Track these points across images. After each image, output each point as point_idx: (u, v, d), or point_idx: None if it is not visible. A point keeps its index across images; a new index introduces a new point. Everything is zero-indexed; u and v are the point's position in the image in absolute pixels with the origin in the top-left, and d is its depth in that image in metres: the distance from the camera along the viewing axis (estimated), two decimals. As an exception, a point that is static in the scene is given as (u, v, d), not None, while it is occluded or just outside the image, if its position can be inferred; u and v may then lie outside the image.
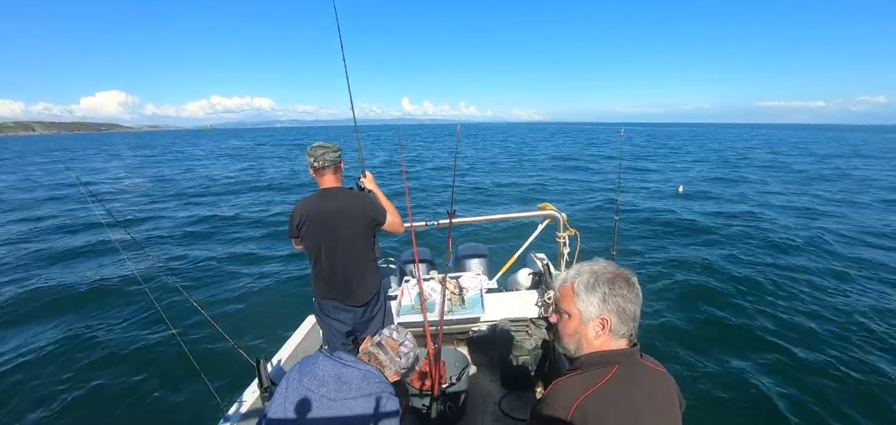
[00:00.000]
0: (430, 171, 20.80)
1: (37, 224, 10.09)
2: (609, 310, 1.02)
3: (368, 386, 1.34)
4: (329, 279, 2.23)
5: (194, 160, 29.70)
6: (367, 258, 2.29)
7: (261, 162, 27.21)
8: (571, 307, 1.07)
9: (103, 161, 31.43)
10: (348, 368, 1.36)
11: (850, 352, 4.02)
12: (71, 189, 14.83)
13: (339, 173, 2.24)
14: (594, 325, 1.04)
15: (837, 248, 7.21)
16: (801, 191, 13.51)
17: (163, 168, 24.13)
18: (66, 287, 6.08)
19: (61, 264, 7.18)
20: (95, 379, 3.99)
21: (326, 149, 2.18)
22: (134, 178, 18.88)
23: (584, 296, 1.04)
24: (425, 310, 2.15)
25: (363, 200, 2.23)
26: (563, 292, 1.09)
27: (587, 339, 1.05)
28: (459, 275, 3.20)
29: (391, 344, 1.54)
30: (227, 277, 6.47)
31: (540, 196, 13.63)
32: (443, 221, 2.86)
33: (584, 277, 1.05)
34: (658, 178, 16.85)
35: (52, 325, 4.97)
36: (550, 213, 3.20)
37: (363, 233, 2.23)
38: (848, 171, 19.16)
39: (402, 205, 2.49)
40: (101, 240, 8.20)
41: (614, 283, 1.02)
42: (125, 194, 14.69)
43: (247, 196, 14.12)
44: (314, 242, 2.20)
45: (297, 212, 2.20)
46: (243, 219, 10.18)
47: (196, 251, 7.84)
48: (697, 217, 9.75)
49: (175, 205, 12.43)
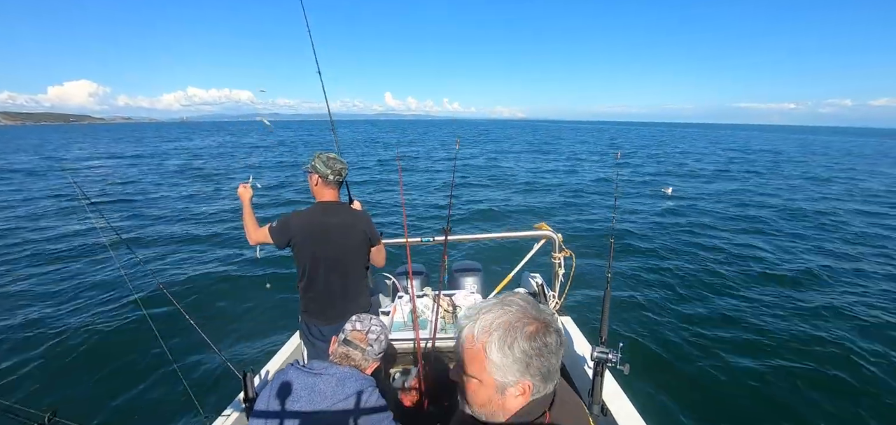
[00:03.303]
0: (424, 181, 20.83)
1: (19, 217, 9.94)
2: (531, 374, 0.79)
3: (345, 388, 1.30)
4: (322, 296, 2.18)
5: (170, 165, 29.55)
6: (363, 275, 2.27)
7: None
8: (482, 373, 0.81)
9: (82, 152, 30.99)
10: (320, 377, 1.31)
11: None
12: (56, 182, 14.67)
13: (338, 187, 2.21)
14: (512, 392, 0.81)
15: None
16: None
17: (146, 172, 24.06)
18: (46, 283, 5.96)
19: (45, 263, 7.06)
20: (73, 385, 3.88)
21: (343, 165, 2.14)
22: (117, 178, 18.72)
23: (497, 359, 0.79)
24: (418, 328, 2.13)
25: (362, 217, 2.22)
26: (471, 353, 0.82)
27: (504, 409, 0.83)
28: (453, 293, 3.17)
29: (358, 337, 1.48)
30: (216, 287, 6.37)
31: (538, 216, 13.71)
32: (438, 238, 2.86)
33: (497, 335, 0.79)
34: (649, 179, 17.27)
35: (29, 327, 4.86)
36: (546, 234, 3.20)
37: (362, 250, 2.21)
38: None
39: (398, 221, 2.49)
40: (89, 241, 8.08)
41: (536, 338, 0.79)
42: (109, 194, 14.55)
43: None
44: (311, 255, 2.14)
45: (294, 224, 2.13)
46: (235, 228, 10.11)
47: (185, 257, 7.75)
48: (687, 219, 9.97)
49: (164, 209, 12.32)
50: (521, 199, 13.39)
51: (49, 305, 5.54)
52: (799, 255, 7.39)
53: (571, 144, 40.67)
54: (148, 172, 20.23)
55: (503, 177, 18.12)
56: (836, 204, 12.34)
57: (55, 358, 4.33)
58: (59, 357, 4.35)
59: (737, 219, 10.26)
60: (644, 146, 40.12)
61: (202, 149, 34.09)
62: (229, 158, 27.06)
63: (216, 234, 9.26)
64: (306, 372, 1.33)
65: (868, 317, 5.00)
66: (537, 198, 13.71)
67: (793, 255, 7.41)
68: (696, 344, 4.53)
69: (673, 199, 12.94)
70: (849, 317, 5.02)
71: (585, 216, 10.99)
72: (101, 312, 5.34)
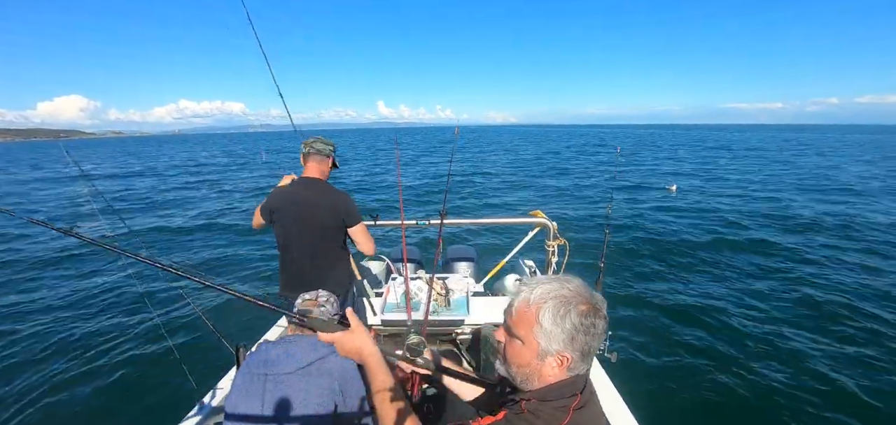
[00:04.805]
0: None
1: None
2: (574, 348, 0.84)
3: (316, 349, 1.43)
4: (296, 270, 2.21)
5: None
6: (336, 253, 2.26)
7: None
8: (528, 334, 0.86)
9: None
10: (293, 344, 1.46)
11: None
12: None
13: (324, 166, 2.23)
14: (550, 362, 0.86)
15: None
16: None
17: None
18: (38, 263, 5.95)
19: (39, 242, 7.03)
20: (68, 361, 3.90)
21: (318, 140, 2.20)
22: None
23: (548, 326, 0.83)
24: (410, 309, 2.14)
25: (338, 196, 2.20)
26: (522, 314, 0.88)
27: (540, 375, 0.87)
28: (447, 277, 3.20)
29: (309, 304, 1.55)
30: (211, 267, 6.38)
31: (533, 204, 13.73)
32: (434, 221, 2.86)
33: (552, 304, 0.84)
34: (650, 177, 17.27)
35: (24, 301, 4.86)
36: (541, 221, 3.22)
37: (333, 227, 2.20)
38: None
39: (394, 199, 2.49)
40: (87, 224, 8.04)
41: (587, 317, 0.83)
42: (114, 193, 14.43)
43: (240, 193, 13.96)
44: (284, 227, 2.17)
45: (273, 197, 2.19)
46: (231, 211, 10.08)
47: (184, 240, 7.73)
48: (694, 216, 10.03)
49: (159, 204, 12.24)
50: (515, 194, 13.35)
51: (41, 288, 5.54)
52: (801, 256, 7.46)
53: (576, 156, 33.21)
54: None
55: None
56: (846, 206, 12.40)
57: (48, 338, 4.35)
58: (51, 335, 4.36)
59: (741, 217, 10.29)
60: (643, 145, 40.05)
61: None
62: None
63: (212, 221, 9.23)
64: (283, 342, 1.49)
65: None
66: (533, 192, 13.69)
67: (793, 253, 7.48)
68: (680, 337, 4.59)
69: (677, 196, 12.94)
70: (847, 309, 5.06)
71: (582, 208, 11.02)
72: (94, 286, 5.34)
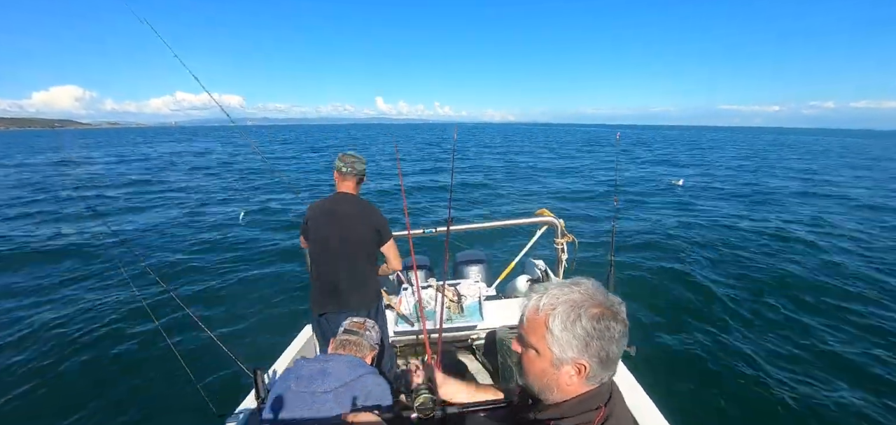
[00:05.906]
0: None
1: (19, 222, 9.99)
2: (590, 355, 0.79)
3: (356, 370, 1.40)
4: (329, 283, 2.25)
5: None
6: (369, 266, 2.33)
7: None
8: (541, 343, 0.82)
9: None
10: (330, 362, 1.42)
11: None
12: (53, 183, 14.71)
13: (359, 185, 2.34)
14: (567, 371, 0.81)
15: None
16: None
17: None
18: (51, 290, 6.01)
19: (48, 264, 7.10)
20: (85, 390, 3.91)
21: (357, 160, 2.29)
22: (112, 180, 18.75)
23: (559, 333, 0.80)
24: (424, 319, 2.14)
25: (373, 212, 2.30)
26: (532, 322, 0.84)
27: (558, 385, 0.84)
28: (458, 283, 3.19)
29: (357, 325, 1.59)
30: (222, 287, 6.42)
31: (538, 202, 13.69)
32: (440, 228, 2.86)
33: (561, 309, 0.80)
34: (654, 174, 17.16)
35: (40, 332, 4.90)
36: (548, 220, 3.20)
37: (368, 241, 2.28)
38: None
39: (399, 207, 2.53)
40: (92, 246, 8.13)
41: (600, 321, 0.78)
42: (111, 194, 14.61)
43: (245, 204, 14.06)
44: (320, 240, 2.24)
45: (309, 213, 2.29)
46: (240, 228, 10.14)
47: (190, 257, 7.79)
48: (700, 212, 9.88)
49: (168, 211, 12.37)
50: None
51: (53, 310, 5.59)
52: (814, 254, 7.36)
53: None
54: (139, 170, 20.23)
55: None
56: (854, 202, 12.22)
57: (62, 365, 4.38)
58: (64, 362, 4.40)
59: (746, 210, 10.20)
60: (641, 142, 39.87)
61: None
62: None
63: (223, 238, 9.29)
64: (317, 360, 1.45)
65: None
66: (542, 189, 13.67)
67: (796, 251, 7.38)
68: (693, 325, 4.54)
69: (683, 190, 12.88)
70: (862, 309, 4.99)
71: (587, 206, 10.97)
72: (107, 318, 5.39)
